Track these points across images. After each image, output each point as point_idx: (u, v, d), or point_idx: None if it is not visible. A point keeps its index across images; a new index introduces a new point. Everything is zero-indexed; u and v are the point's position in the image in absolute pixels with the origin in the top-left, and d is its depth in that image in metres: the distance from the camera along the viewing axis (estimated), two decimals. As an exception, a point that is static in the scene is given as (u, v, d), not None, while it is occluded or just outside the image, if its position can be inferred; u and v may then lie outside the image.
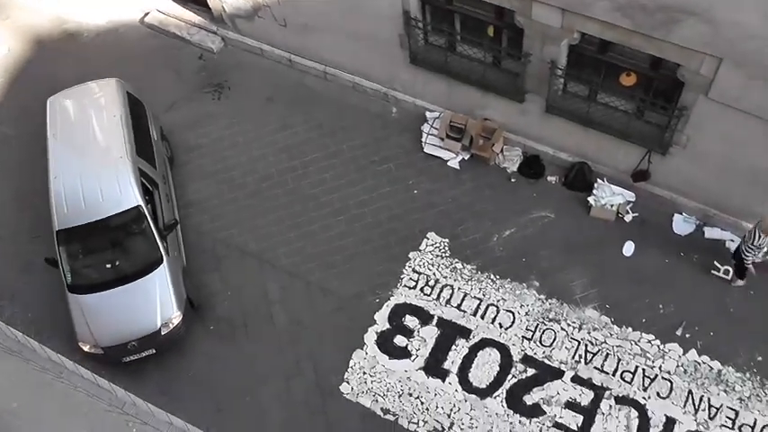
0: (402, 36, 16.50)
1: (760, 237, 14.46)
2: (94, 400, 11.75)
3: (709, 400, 14.86)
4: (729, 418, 14.67)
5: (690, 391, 14.93)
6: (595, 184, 16.89)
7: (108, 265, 15.17)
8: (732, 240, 16.15)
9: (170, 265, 15.22)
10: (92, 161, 15.66)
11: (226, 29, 19.43)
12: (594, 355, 15.31)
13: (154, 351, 15.06)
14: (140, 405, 12.06)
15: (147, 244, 15.23)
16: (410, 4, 15.76)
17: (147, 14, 20.24)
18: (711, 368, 15.13)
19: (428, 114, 17.89)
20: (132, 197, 15.21)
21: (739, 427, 14.59)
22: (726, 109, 13.92)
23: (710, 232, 16.57)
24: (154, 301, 14.95)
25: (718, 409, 14.77)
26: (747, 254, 14.89)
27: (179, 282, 15.34)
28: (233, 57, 19.45)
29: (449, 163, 17.58)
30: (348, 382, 15.22)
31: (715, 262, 16.13)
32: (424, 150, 17.68)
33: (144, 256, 15.18)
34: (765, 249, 15.50)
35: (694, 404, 14.84)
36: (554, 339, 15.49)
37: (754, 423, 14.61)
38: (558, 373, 15.17)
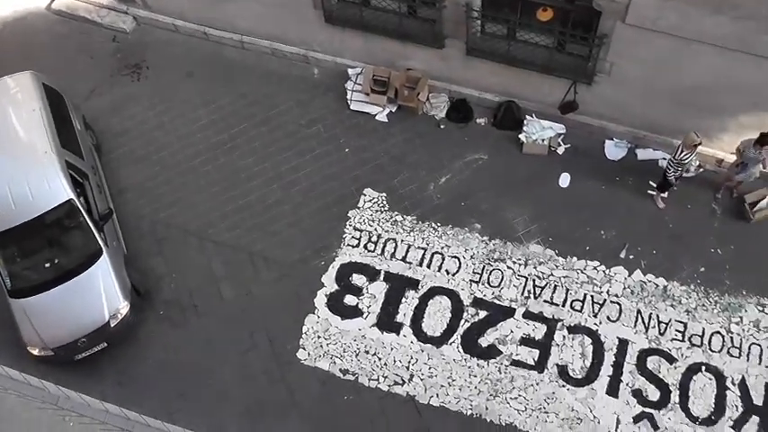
0: (315, -3, 16.32)
1: (683, 152, 14.76)
2: (27, 401, 11.58)
3: (657, 316, 15.27)
4: (679, 331, 15.12)
5: (639, 311, 15.32)
6: (525, 121, 16.98)
7: (47, 265, 14.87)
8: (664, 159, 16.40)
9: (111, 256, 14.97)
10: (16, 160, 15.20)
11: (136, 7, 18.93)
12: (543, 288, 15.57)
13: (106, 344, 14.86)
14: (74, 398, 11.94)
15: (85, 237, 14.94)
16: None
17: (53, 0, 19.61)
18: (657, 285, 15.53)
19: (350, 71, 17.75)
20: (63, 192, 14.85)
21: (689, 338, 15.06)
22: (644, 32, 14.07)
23: (643, 153, 16.84)
24: (99, 294, 14.72)
25: (667, 325, 15.19)
26: (670, 170, 15.27)
27: (122, 271, 15.11)
28: (147, 35, 19.00)
29: (377, 117, 17.52)
30: (304, 348, 15.26)
31: (650, 182, 16.46)
32: (351, 108, 17.59)
33: (83, 250, 14.90)
34: (695, 166, 15.82)
35: (644, 323, 15.24)
36: (501, 279, 15.67)
37: (703, 332, 15.12)
38: (510, 312, 15.39)
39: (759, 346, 14.96)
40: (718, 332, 15.11)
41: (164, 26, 18.91)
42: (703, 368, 14.84)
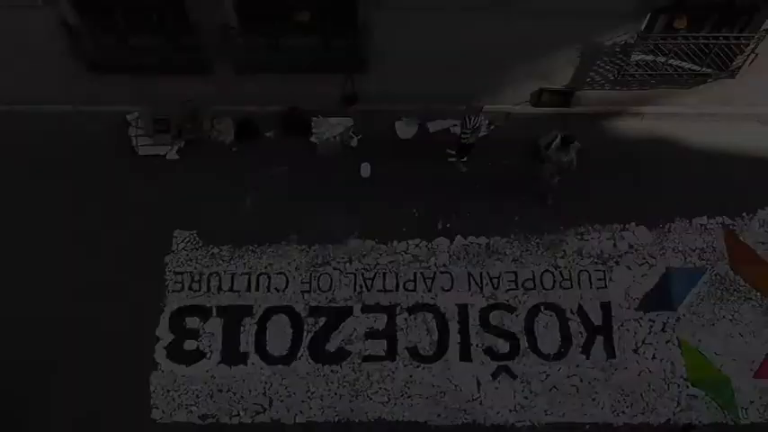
0: (71, 48, 15.56)
1: (470, 120, 15.27)
2: None
3: (488, 273, 15.82)
4: (511, 281, 15.77)
5: (469, 274, 15.81)
6: (313, 123, 17.03)
7: None
8: (455, 125, 16.84)
9: None
10: None
11: None
12: (373, 279, 15.78)
13: None
14: None
15: None
16: (67, 13, 14.81)
17: None
18: (479, 245, 16.05)
19: (128, 117, 17.17)
20: None
21: (522, 284, 15.72)
22: (402, 12, 14.27)
23: (433, 126, 17.27)
24: None
25: (498, 278, 15.78)
26: (464, 137, 15.87)
27: None
28: None
29: (168, 157, 17.05)
30: (157, 407, 14.85)
31: (447, 150, 16.89)
32: (140, 153, 16.99)
33: None
34: (485, 125, 16.33)
35: (477, 283, 15.75)
36: (331, 282, 15.76)
37: (533, 275, 15.83)
38: (348, 311, 15.52)
39: (586, 271, 15.83)
40: (547, 270, 15.84)
41: None
42: (542, 308, 15.54)
